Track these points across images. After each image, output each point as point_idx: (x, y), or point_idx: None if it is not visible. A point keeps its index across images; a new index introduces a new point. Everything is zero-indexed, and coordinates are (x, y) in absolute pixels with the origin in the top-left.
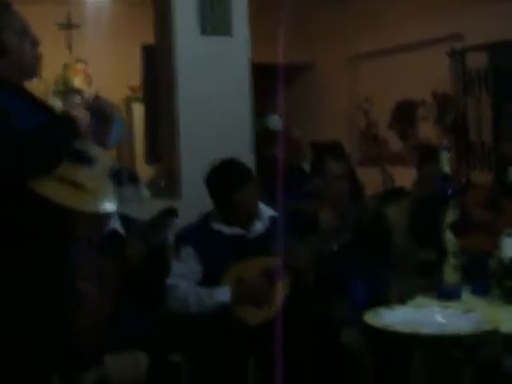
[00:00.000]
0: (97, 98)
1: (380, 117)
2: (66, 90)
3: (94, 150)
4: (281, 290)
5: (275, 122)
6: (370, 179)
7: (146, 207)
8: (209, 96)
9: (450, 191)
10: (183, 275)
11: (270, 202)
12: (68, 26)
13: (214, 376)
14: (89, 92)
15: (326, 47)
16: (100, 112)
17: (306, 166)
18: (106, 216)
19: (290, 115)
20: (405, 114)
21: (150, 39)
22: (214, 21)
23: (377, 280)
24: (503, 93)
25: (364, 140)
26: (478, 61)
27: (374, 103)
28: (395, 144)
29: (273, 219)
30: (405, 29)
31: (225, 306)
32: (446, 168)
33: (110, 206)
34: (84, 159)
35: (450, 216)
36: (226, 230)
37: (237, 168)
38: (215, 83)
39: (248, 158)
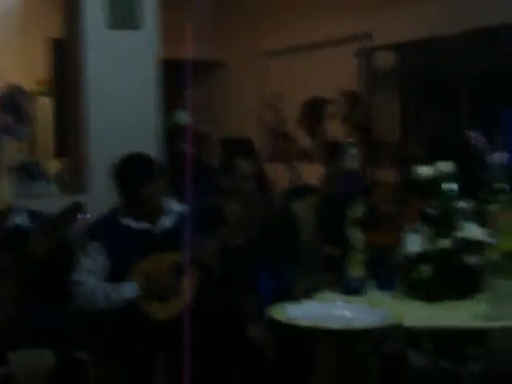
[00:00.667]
0: (11, 86)
1: (289, 114)
2: None
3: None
4: (188, 285)
5: (184, 117)
6: (279, 175)
7: (54, 202)
8: (116, 91)
9: (355, 187)
10: (90, 271)
11: (179, 197)
12: None
13: (122, 373)
14: None
15: (236, 44)
16: (12, 104)
17: (215, 162)
18: (5, 212)
19: (201, 111)
20: (313, 112)
21: (59, 33)
22: (121, 15)
23: (284, 275)
24: (410, 92)
25: (273, 136)
26: (386, 60)
27: (284, 100)
28: (304, 141)
29: (181, 214)
30: (315, 27)
31: (132, 301)
32: (353, 165)
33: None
34: None
35: (356, 212)
36: (133, 224)
37: (144, 162)
38: (123, 78)
39: (156, 153)
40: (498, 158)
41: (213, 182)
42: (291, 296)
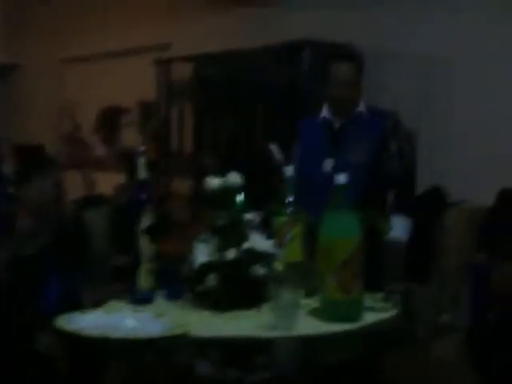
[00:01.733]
0: None
1: (86, 122)
2: None
3: None
4: None
5: None
6: (72, 183)
7: None
8: None
9: (145, 197)
10: None
11: None
12: None
13: None
14: None
15: (34, 49)
16: None
17: (5, 168)
18: None
19: None
20: (109, 120)
21: None
22: None
23: (72, 284)
24: (205, 104)
25: (68, 144)
26: (183, 71)
27: (81, 108)
28: (99, 149)
29: None
30: (114, 35)
31: None
32: (143, 174)
33: None
34: None
35: (145, 222)
36: None
37: None
38: None
39: None
40: (287, 170)
41: (4, 190)
42: (79, 305)
